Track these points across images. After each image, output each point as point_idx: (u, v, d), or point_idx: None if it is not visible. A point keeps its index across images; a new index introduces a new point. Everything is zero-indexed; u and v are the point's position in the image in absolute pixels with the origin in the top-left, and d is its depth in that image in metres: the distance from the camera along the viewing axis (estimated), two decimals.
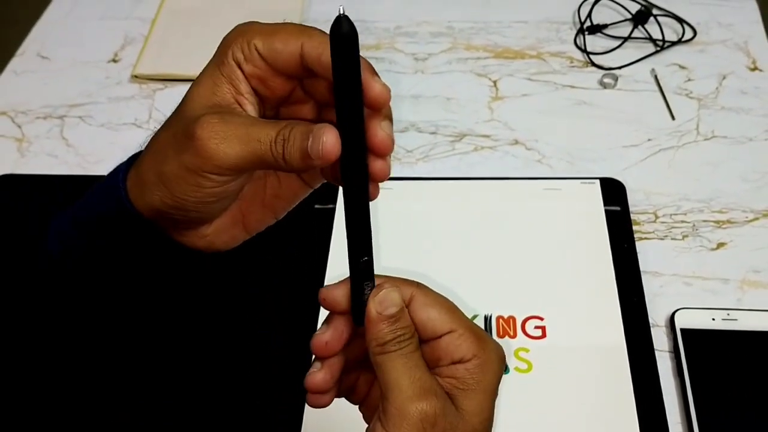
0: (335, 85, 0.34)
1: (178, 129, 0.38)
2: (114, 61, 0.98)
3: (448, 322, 0.38)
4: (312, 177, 0.43)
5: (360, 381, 0.42)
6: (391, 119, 0.40)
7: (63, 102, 0.92)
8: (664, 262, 0.72)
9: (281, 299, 0.70)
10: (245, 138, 0.36)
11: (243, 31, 0.39)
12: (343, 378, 0.41)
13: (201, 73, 0.41)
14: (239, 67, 0.39)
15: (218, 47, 0.41)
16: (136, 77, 0.94)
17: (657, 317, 0.67)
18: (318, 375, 0.40)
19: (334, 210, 0.75)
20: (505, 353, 0.39)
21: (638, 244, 0.72)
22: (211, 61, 0.41)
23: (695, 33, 0.94)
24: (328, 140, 0.35)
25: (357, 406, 0.44)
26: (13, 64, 0.98)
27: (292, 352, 0.65)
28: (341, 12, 0.32)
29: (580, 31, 0.96)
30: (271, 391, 0.64)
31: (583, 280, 0.69)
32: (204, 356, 0.66)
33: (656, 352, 0.65)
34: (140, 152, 0.42)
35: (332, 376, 0.40)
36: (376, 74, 0.37)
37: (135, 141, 0.87)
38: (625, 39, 0.94)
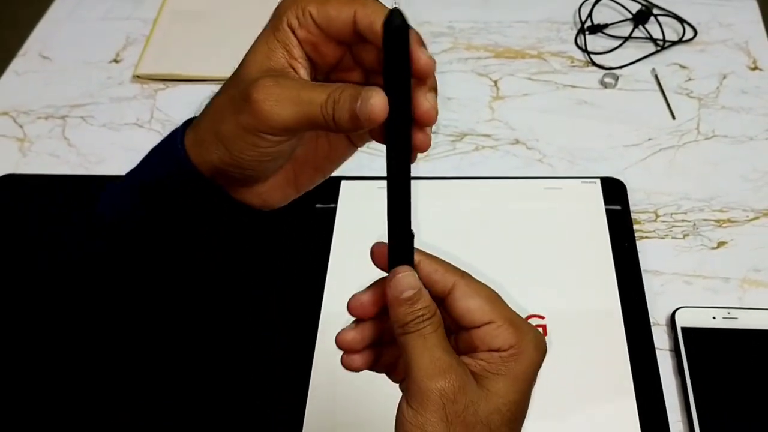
0: (385, 65, 0.35)
1: (236, 92, 0.40)
2: (116, 61, 0.98)
3: (488, 312, 0.39)
4: (359, 137, 0.46)
5: (400, 360, 0.42)
6: (436, 90, 0.41)
7: (65, 102, 0.93)
8: (665, 261, 0.72)
9: (282, 299, 0.70)
10: (298, 100, 0.38)
11: None
12: (383, 353, 0.42)
13: (257, 39, 0.42)
14: (293, 32, 0.40)
15: (273, 13, 0.41)
16: (137, 77, 0.94)
17: (658, 316, 0.67)
18: (348, 333, 0.40)
19: (335, 209, 0.75)
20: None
21: (639, 243, 0.72)
22: (265, 27, 0.42)
23: (696, 33, 0.94)
24: (376, 103, 0.36)
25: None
26: (15, 64, 0.98)
27: (292, 351, 0.65)
28: (396, 3, 0.35)
29: (581, 30, 0.96)
30: (272, 390, 0.64)
31: (583, 279, 0.69)
32: (205, 355, 0.67)
33: (657, 351, 0.65)
34: (194, 117, 0.44)
35: (363, 338, 0.41)
36: (424, 45, 0.39)
37: (137, 141, 0.87)
38: (626, 39, 0.94)
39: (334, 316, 0.67)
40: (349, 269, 0.71)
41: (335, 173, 0.64)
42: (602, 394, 0.62)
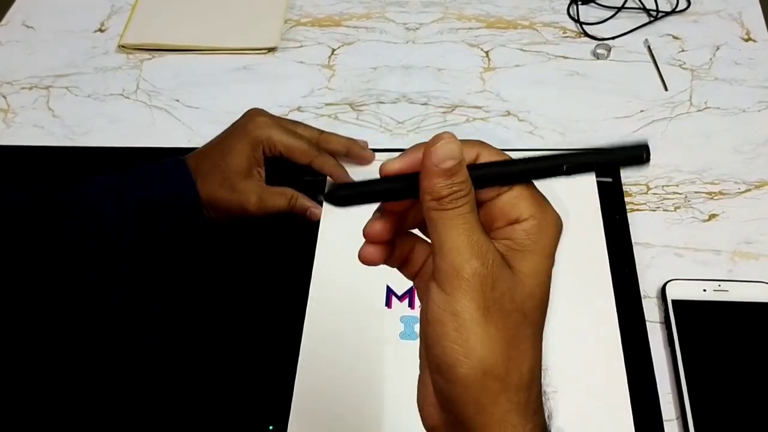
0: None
1: (227, 187, 0.68)
2: (100, 30, 0.96)
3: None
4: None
5: (415, 251, 0.39)
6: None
7: (49, 72, 0.91)
8: (656, 234, 0.72)
9: (270, 274, 0.69)
10: (272, 205, 0.70)
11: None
12: (398, 244, 0.39)
13: (233, 140, 0.69)
14: (263, 153, 0.70)
15: (245, 124, 0.70)
16: (122, 47, 0.92)
17: (648, 288, 0.67)
18: (376, 223, 0.38)
19: (323, 182, 0.74)
20: None
21: (630, 216, 0.72)
22: (238, 131, 0.70)
23: (689, 3, 0.93)
24: (315, 213, 0.71)
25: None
26: None
27: (280, 340, 0.65)
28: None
29: (573, 1, 0.95)
30: (260, 376, 0.63)
31: (574, 251, 0.69)
32: (193, 343, 0.66)
33: (647, 323, 0.65)
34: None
35: (388, 229, 0.38)
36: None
37: (122, 112, 0.86)
38: (619, 9, 0.93)
39: (320, 302, 0.67)
40: (336, 258, 0.70)
41: None
42: (592, 366, 0.62)
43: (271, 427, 0.60)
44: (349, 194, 0.37)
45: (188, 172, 0.66)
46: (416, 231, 0.39)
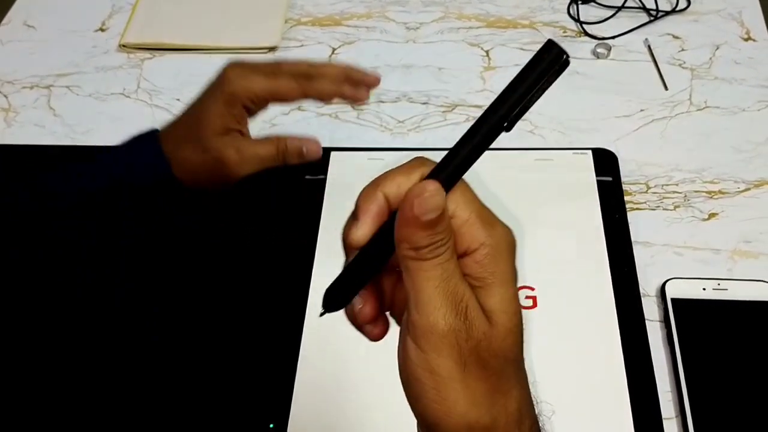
0: None
1: (201, 150, 0.58)
2: (101, 30, 0.96)
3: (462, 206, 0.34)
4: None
5: (384, 282, 0.37)
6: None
7: (50, 72, 0.91)
8: (656, 233, 0.72)
9: (272, 270, 0.69)
10: (258, 159, 0.58)
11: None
12: (384, 289, 0.37)
13: (207, 99, 0.59)
14: (244, 107, 0.58)
15: (220, 79, 0.58)
16: (123, 46, 0.93)
17: (648, 287, 0.67)
18: (366, 308, 0.36)
19: (324, 181, 0.74)
20: None
21: (630, 215, 0.72)
22: (214, 89, 0.59)
23: (689, 2, 0.94)
24: (311, 148, 0.59)
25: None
26: None
27: (282, 323, 0.65)
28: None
29: (573, 0, 0.95)
30: (261, 363, 0.64)
31: (574, 250, 0.69)
32: (193, 328, 0.66)
33: (647, 322, 0.65)
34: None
35: (376, 306, 0.37)
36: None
37: (123, 111, 0.86)
38: (619, 8, 0.93)
39: (324, 287, 0.67)
40: (339, 240, 0.70)
41: (325, 144, 0.63)
42: (592, 365, 0.62)
43: (271, 425, 0.60)
44: (342, 294, 0.36)
45: (156, 141, 0.59)
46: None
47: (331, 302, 0.37)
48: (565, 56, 0.32)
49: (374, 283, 0.37)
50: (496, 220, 0.35)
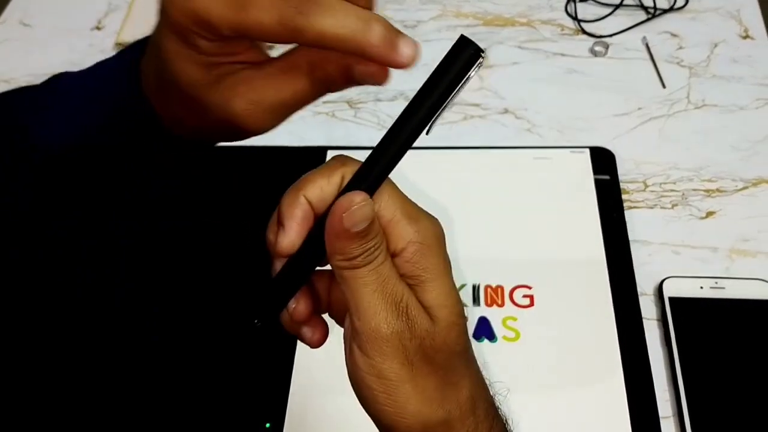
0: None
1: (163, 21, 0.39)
2: (98, 28, 0.96)
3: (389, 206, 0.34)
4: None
5: (317, 283, 0.37)
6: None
7: (46, 70, 0.89)
8: (653, 231, 0.72)
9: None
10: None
11: None
12: (320, 293, 0.37)
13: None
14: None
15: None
16: (120, 45, 0.92)
17: (645, 286, 0.67)
18: (300, 306, 0.36)
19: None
20: (493, 322, 0.37)
21: (627, 213, 0.72)
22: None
23: (687, 0, 0.93)
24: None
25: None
26: None
27: (277, 338, 0.65)
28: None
29: None
30: (257, 375, 0.64)
31: (571, 249, 0.69)
32: (193, 344, 0.66)
33: (644, 321, 0.65)
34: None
35: (311, 305, 0.36)
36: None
37: None
38: (617, 6, 0.93)
39: None
40: None
41: (322, 143, 0.63)
42: (589, 364, 0.62)
43: (268, 425, 0.60)
44: (276, 303, 0.36)
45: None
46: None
47: (263, 312, 0.36)
48: (481, 55, 0.32)
49: (306, 284, 0.37)
50: (420, 214, 0.35)
